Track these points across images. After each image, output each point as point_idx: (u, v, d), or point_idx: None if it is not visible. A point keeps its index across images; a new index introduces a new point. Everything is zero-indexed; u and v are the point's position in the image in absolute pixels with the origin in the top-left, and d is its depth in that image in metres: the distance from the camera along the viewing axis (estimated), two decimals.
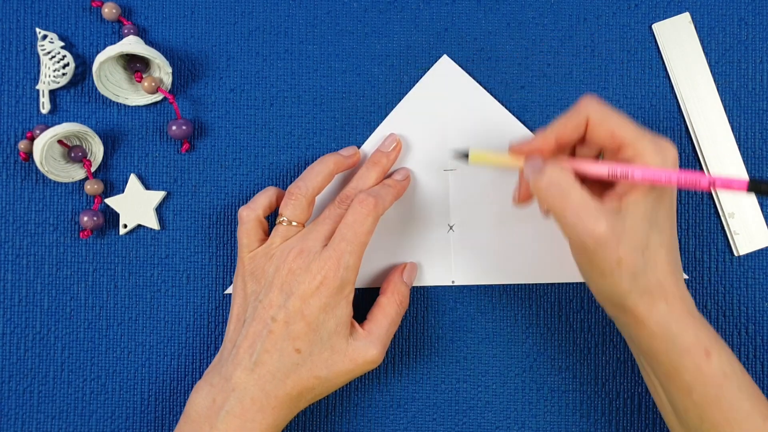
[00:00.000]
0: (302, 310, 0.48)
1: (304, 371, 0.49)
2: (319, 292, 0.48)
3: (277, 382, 0.48)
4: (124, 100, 0.57)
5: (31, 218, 0.57)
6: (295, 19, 0.58)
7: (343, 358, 0.49)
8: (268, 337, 0.48)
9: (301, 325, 0.48)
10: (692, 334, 0.46)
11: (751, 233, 0.56)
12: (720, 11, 0.57)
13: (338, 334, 0.49)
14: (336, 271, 0.48)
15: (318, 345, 0.49)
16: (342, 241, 0.49)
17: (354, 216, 0.50)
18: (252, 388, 0.48)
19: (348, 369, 0.50)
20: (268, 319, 0.49)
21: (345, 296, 0.49)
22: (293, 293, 0.48)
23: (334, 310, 0.49)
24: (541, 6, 0.58)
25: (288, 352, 0.48)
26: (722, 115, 0.57)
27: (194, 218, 0.58)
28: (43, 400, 0.57)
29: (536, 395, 0.57)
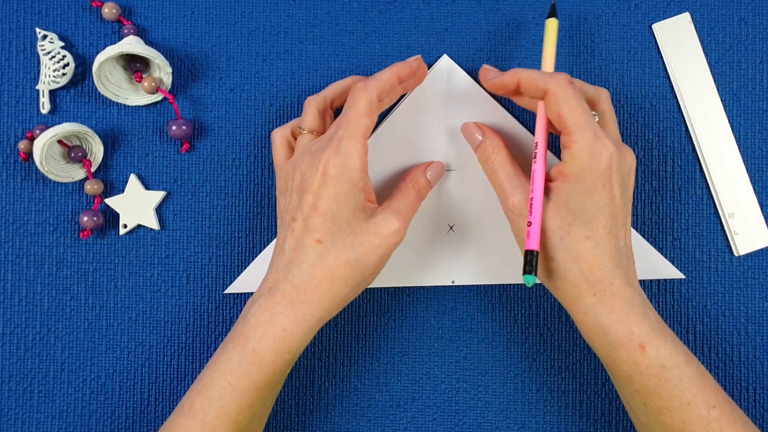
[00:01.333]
0: (314, 204, 0.48)
1: (331, 259, 0.48)
2: (325, 182, 0.48)
3: (304, 275, 0.48)
4: (124, 100, 0.57)
5: (31, 218, 0.57)
6: (295, 19, 0.58)
7: (366, 236, 0.49)
8: (290, 236, 0.49)
9: (316, 216, 0.48)
10: (625, 329, 0.47)
11: (751, 233, 0.56)
12: (720, 11, 0.57)
13: (356, 219, 0.49)
14: (335, 158, 0.48)
15: (338, 233, 0.48)
16: (338, 130, 0.49)
17: (348, 103, 0.50)
18: (281, 283, 0.48)
19: (375, 245, 0.49)
20: (290, 221, 0.49)
21: (354, 183, 0.48)
22: (305, 191, 0.49)
23: (347, 198, 0.48)
24: (541, 6, 0.58)
25: (310, 244, 0.48)
26: (722, 115, 0.57)
27: (194, 218, 0.58)
28: (43, 400, 0.57)
29: (536, 395, 0.57)
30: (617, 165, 0.47)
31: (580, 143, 0.47)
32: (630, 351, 0.47)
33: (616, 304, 0.47)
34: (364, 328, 0.57)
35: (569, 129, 0.47)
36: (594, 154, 0.47)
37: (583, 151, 0.47)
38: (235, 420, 0.48)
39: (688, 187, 0.57)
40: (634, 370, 0.47)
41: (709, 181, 0.57)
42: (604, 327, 0.47)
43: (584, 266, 0.47)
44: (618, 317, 0.47)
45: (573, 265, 0.47)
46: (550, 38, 0.52)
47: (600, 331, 0.48)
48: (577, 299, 0.48)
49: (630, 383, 0.48)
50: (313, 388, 0.57)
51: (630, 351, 0.47)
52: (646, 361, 0.47)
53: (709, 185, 0.57)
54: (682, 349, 0.48)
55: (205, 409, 0.48)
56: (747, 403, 0.57)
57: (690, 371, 0.47)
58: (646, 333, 0.47)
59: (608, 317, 0.47)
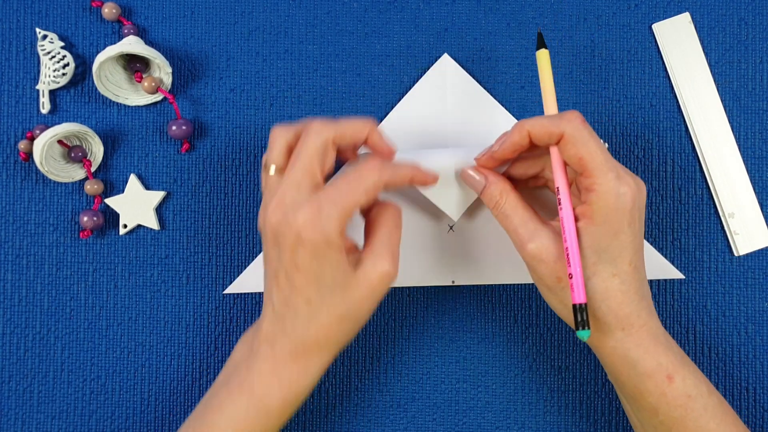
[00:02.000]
0: (295, 263, 0.46)
1: (323, 317, 0.47)
2: (303, 243, 0.45)
3: (300, 332, 0.47)
4: (124, 100, 0.57)
5: (31, 218, 0.57)
6: (295, 19, 0.58)
7: (356, 288, 0.47)
8: (277, 292, 0.48)
9: (300, 277, 0.46)
10: (653, 360, 0.47)
11: (751, 233, 0.56)
12: (720, 11, 0.57)
13: (341, 273, 0.46)
14: (316, 220, 0.45)
15: (326, 290, 0.46)
16: (333, 191, 0.46)
17: (355, 171, 0.47)
18: (279, 336, 0.48)
19: (366, 294, 0.47)
20: (272, 276, 0.48)
21: (332, 245, 0.45)
22: (282, 249, 0.46)
23: (326, 257, 0.46)
24: (541, 6, 0.58)
25: (300, 305, 0.47)
26: (722, 115, 0.57)
27: (194, 218, 0.58)
28: (43, 400, 0.57)
29: (536, 395, 0.57)
30: (639, 202, 0.47)
31: (604, 186, 0.46)
32: (658, 382, 0.47)
33: (643, 336, 0.48)
34: (364, 328, 0.57)
35: (591, 172, 0.46)
36: (619, 196, 0.46)
37: (610, 194, 0.46)
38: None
39: (688, 187, 0.57)
40: (661, 401, 0.47)
41: (709, 181, 0.57)
42: (633, 359, 0.47)
43: (613, 304, 0.47)
44: (646, 349, 0.47)
45: (601, 304, 0.47)
46: (545, 72, 0.49)
47: (628, 364, 0.47)
48: (605, 335, 0.48)
49: (656, 414, 0.48)
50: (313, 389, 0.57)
51: (658, 382, 0.47)
52: (674, 392, 0.47)
53: (709, 185, 0.57)
54: (703, 378, 0.48)
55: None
56: (747, 403, 0.57)
57: (713, 401, 0.48)
58: (672, 364, 0.47)
59: (636, 350, 0.47)
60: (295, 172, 0.47)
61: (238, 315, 0.57)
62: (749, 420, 0.57)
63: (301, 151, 0.47)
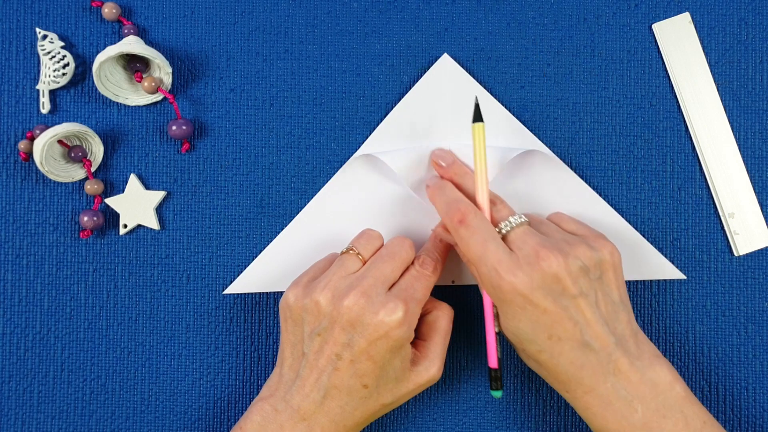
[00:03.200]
0: (368, 351, 0.48)
1: (371, 402, 0.50)
2: (387, 336, 0.48)
3: (346, 415, 0.49)
4: (124, 100, 0.57)
5: (31, 218, 0.57)
6: (295, 19, 0.58)
7: (407, 384, 0.51)
8: (334, 373, 0.49)
9: (368, 364, 0.49)
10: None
11: (751, 233, 0.56)
12: (720, 11, 0.57)
13: (402, 368, 0.50)
14: (405, 318, 0.48)
15: (383, 380, 0.50)
16: (409, 291, 0.50)
17: (419, 274, 0.51)
18: (322, 419, 0.49)
19: (412, 391, 0.51)
20: (333, 356, 0.49)
21: (409, 340, 0.50)
22: (359, 334, 0.48)
23: (399, 351, 0.49)
24: (541, 6, 0.58)
25: (356, 389, 0.49)
26: (722, 115, 0.57)
27: (194, 218, 0.58)
28: (43, 400, 0.57)
29: (536, 395, 0.57)
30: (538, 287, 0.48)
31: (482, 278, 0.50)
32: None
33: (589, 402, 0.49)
34: None
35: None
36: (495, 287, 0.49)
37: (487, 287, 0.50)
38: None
39: (688, 187, 0.57)
40: None
41: (709, 181, 0.57)
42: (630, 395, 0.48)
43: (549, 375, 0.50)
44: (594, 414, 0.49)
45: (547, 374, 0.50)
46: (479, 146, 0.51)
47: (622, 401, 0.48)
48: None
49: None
50: None
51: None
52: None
53: (709, 185, 0.57)
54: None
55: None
56: (747, 403, 0.57)
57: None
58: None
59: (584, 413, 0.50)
60: (386, 269, 0.50)
61: (238, 315, 0.57)
62: (749, 420, 0.57)
63: (396, 255, 0.51)
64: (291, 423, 0.49)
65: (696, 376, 0.57)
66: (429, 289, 0.51)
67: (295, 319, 0.50)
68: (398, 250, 0.51)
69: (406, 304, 0.49)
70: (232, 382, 0.57)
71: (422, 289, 0.51)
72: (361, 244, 0.52)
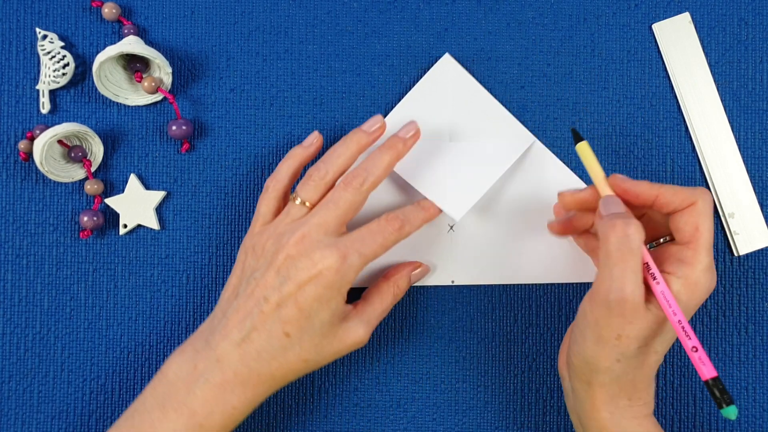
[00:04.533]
0: (296, 296, 0.48)
1: (292, 355, 0.48)
2: (316, 281, 0.48)
3: (263, 361, 0.48)
4: (124, 100, 0.57)
5: (31, 218, 0.57)
6: (295, 19, 0.58)
7: (332, 341, 0.49)
8: (258, 316, 0.48)
9: (294, 310, 0.48)
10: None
11: (751, 233, 0.56)
12: (720, 11, 0.57)
13: (330, 322, 0.49)
14: (340, 265, 0.48)
15: (308, 331, 0.48)
16: (357, 242, 0.49)
17: (380, 229, 0.50)
18: (236, 362, 0.48)
19: (336, 350, 0.50)
20: (260, 299, 0.48)
21: (342, 293, 0.49)
22: (289, 278, 0.48)
23: (329, 302, 0.48)
24: (541, 6, 0.58)
25: (277, 335, 0.48)
26: (722, 115, 0.57)
27: (194, 218, 0.58)
28: (43, 400, 0.57)
29: (536, 395, 0.57)
30: (704, 298, 0.47)
31: (704, 265, 0.46)
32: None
33: (641, 412, 0.49)
34: None
35: (698, 247, 0.46)
36: (713, 279, 0.47)
37: (705, 275, 0.46)
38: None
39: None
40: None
41: (709, 181, 0.57)
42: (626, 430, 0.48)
43: (640, 376, 0.48)
44: (640, 422, 0.48)
45: (631, 371, 0.47)
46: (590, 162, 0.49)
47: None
48: (611, 399, 0.48)
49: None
50: (313, 388, 0.57)
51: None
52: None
53: (709, 185, 0.57)
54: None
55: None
56: (747, 403, 0.57)
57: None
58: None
59: (631, 422, 0.48)
60: (328, 215, 0.49)
61: None
62: (749, 420, 0.57)
63: (340, 201, 0.50)
64: (205, 363, 0.48)
65: (696, 376, 0.57)
66: (384, 246, 0.49)
67: (240, 263, 0.51)
68: (341, 195, 0.50)
69: (344, 255, 0.48)
70: None
71: (374, 244, 0.49)
72: (305, 190, 0.51)
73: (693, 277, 0.46)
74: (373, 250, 0.49)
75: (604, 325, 0.45)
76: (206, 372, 0.48)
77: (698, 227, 0.46)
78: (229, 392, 0.48)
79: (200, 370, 0.48)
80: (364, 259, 0.49)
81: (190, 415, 0.47)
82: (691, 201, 0.47)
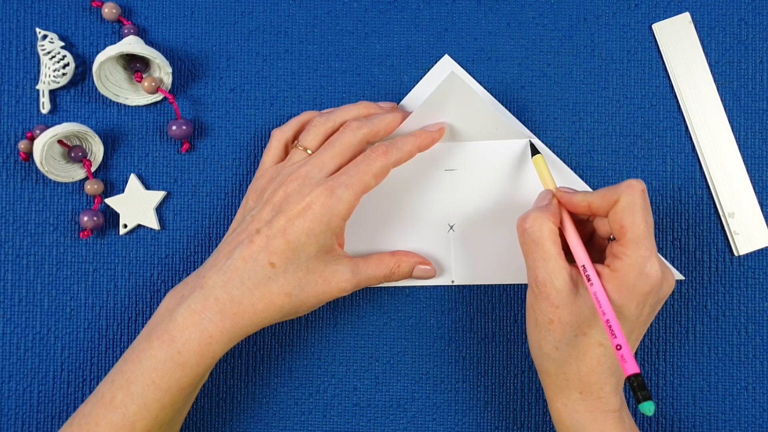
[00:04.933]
0: (285, 229, 0.48)
1: (275, 286, 0.49)
2: (305, 215, 0.48)
3: (245, 289, 0.48)
4: (124, 100, 0.57)
5: (31, 218, 0.57)
6: (295, 19, 0.58)
7: (317, 278, 0.50)
8: (247, 246, 0.49)
9: (281, 242, 0.48)
10: (599, 429, 0.48)
11: (751, 233, 0.56)
12: (720, 11, 0.57)
13: (317, 258, 0.49)
14: (327, 198, 0.48)
15: (294, 264, 0.49)
16: (343, 175, 0.49)
17: (364, 158, 0.50)
18: (218, 289, 0.48)
19: (320, 290, 0.50)
20: (252, 231, 0.49)
21: (331, 228, 0.49)
22: (281, 212, 0.49)
23: (318, 237, 0.49)
24: (541, 6, 0.58)
25: (262, 264, 0.48)
26: (722, 115, 0.57)
27: (194, 218, 0.58)
28: (43, 400, 0.57)
29: (536, 395, 0.57)
30: (657, 290, 0.47)
31: (632, 259, 0.46)
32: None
33: (596, 406, 0.48)
34: (363, 328, 0.57)
35: (627, 242, 0.46)
36: (641, 275, 0.46)
37: (632, 269, 0.46)
38: (157, 416, 0.48)
39: (688, 187, 0.57)
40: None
41: (709, 181, 0.57)
42: (579, 424, 0.48)
43: (584, 367, 0.48)
44: (595, 417, 0.48)
45: (574, 361, 0.48)
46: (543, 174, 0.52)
47: (572, 427, 0.49)
48: (561, 390, 0.49)
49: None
50: (312, 388, 0.57)
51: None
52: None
53: (709, 185, 0.57)
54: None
55: (126, 403, 0.48)
56: (747, 403, 0.57)
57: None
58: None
59: (585, 416, 0.48)
60: (325, 156, 0.50)
61: None
62: (749, 420, 0.57)
63: (336, 142, 0.51)
64: (190, 291, 0.49)
65: (696, 376, 0.57)
66: (370, 173, 0.49)
67: (242, 207, 0.53)
68: (338, 137, 0.51)
69: (331, 188, 0.48)
70: (234, 382, 0.57)
71: (358, 173, 0.49)
72: (306, 138, 0.52)
73: (623, 270, 0.46)
74: (359, 179, 0.49)
75: (536, 309, 0.48)
76: (189, 298, 0.49)
77: (622, 224, 0.46)
78: (207, 319, 0.48)
79: (184, 297, 0.49)
80: (352, 189, 0.49)
81: (170, 342, 0.48)
82: (614, 199, 0.47)
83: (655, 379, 0.57)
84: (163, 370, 0.48)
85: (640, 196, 0.46)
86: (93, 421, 0.48)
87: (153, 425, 0.48)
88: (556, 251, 0.47)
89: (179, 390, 0.48)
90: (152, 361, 0.48)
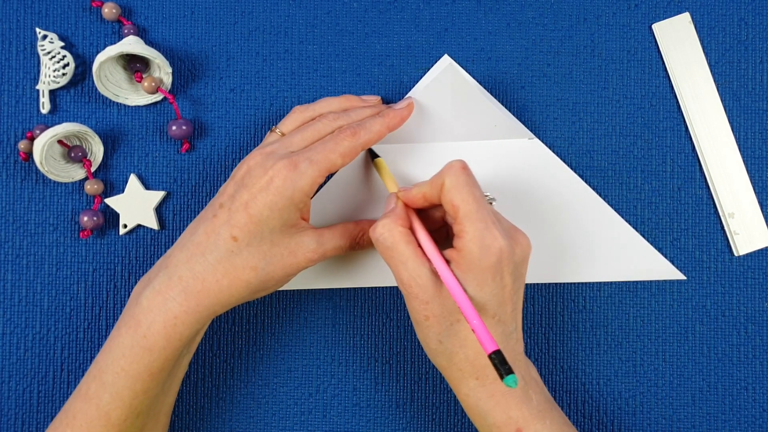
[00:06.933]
0: (247, 203, 0.48)
1: (239, 260, 0.48)
2: (267, 189, 0.48)
3: (208, 265, 0.48)
4: (124, 100, 0.57)
5: (31, 218, 0.57)
6: (295, 19, 0.58)
7: (283, 251, 0.49)
8: (210, 221, 0.49)
9: (244, 216, 0.48)
10: (503, 413, 0.48)
11: (751, 233, 0.56)
12: (720, 11, 0.57)
13: (281, 231, 0.49)
14: (290, 172, 0.48)
15: (257, 237, 0.48)
16: (308, 151, 0.49)
17: (332, 137, 0.50)
18: (181, 266, 0.48)
19: (286, 262, 0.49)
20: (216, 206, 0.49)
21: (294, 203, 0.48)
22: (244, 186, 0.49)
23: (281, 211, 0.48)
24: (541, 6, 0.58)
25: (224, 238, 0.48)
26: (722, 115, 0.57)
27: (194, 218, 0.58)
28: (43, 400, 0.57)
29: None
30: (508, 256, 0.47)
31: (470, 234, 0.46)
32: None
33: (496, 389, 0.48)
34: (362, 328, 0.57)
35: (461, 219, 0.46)
36: (484, 247, 0.46)
37: (474, 244, 0.46)
38: (131, 404, 0.48)
39: (688, 187, 0.57)
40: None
41: (709, 181, 0.57)
42: (483, 410, 0.48)
43: (470, 353, 0.48)
44: (497, 401, 0.48)
45: (459, 350, 0.48)
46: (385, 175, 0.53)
47: (479, 414, 0.49)
48: (460, 381, 0.49)
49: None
50: (312, 388, 0.57)
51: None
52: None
53: (709, 185, 0.57)
54: (564, 424, 0.49)
55: (99, 393, 0.47)
56: (746, 403, 0.57)
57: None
58: (523, 417, 0.48)
59: (488, 401, 0.48)
60: (294, 138, 0.51)
61: (237, 314, 0.57)
62: (749, 420, 0.57)
63: (308, 127, 0.51)
64: (155, 272, 0.49)
65: (696, 376, 0.57)
66: (337, 152, 0.49)
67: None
68: (312, 124, 0.51)
69: (295, 163, 0.48)
70: (234, 382, 0.57)
71: (325, 151, 0.49)
72: (285, 124, 0.53)
73: (467, 248, 0.46)
74: (325, 156, 0.49)
75: (411, 309, 0.48)
76: (154, 280, 0.48)
77: (453, 203, 0.47)
78: (171, 299, 0.48)
79: (150, 280, 0.49)
80: (316, 165, 0.48)
81: (135, 327, 0.48)
82: (440, 183, 0.47)
83: (654, 379, 0.57)
84: (131, 356, 0.47)
85: (462, 173, 0.47)
86: (71, 415, 0.48)
87: (128, 414, 0.48)
88: (412, 251, 0.47)
89: (150, 376, 0.48)
90: (120, 348, 0.47)
